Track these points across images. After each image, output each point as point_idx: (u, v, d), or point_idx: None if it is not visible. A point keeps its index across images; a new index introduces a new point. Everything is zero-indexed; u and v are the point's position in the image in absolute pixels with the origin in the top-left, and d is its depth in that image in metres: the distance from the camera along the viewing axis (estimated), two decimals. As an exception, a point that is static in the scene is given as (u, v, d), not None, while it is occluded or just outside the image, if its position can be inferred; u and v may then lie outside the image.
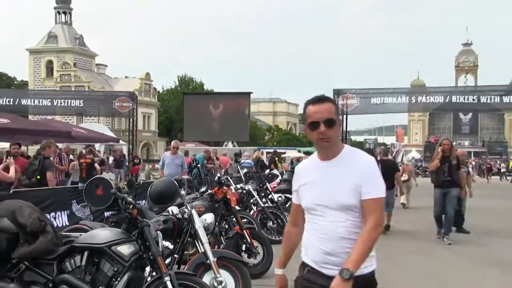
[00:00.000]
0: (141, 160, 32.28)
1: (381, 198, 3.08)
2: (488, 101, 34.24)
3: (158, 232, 5.09)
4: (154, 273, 4.93)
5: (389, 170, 14.20)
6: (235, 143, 42.51)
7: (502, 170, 56.89)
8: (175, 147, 15.00)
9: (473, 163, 50.47)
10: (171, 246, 5.50)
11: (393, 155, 25.53)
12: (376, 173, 3.14)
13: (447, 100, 35.59)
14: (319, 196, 3.13)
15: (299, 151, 51.36)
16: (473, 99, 35.16)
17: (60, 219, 10.30)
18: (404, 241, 12.17)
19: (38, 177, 11.80)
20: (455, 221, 12.15)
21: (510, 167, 57.47)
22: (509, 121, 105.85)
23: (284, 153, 46.72)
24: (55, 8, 76.83)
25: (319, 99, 3.20)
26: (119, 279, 4.74)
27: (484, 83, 60.25)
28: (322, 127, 3.08)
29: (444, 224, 11.50)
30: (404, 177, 19.66)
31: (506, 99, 34.09)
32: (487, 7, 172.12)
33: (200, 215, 5.99)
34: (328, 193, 3.09)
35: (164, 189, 6.05)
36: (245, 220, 8.72)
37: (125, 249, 4.83)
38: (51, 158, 14.79)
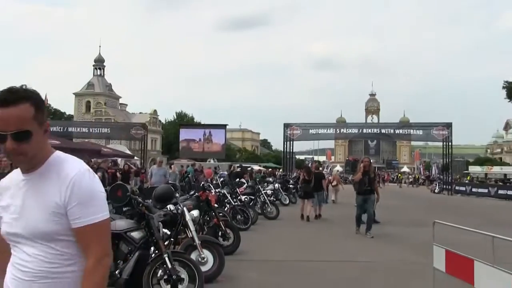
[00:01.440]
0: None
1: (102, 221, 1.65)
2: (387, 132, 35.08)
3: (160, 222, 5.09)
4: (156, 252, 4.89)
5: (319, 178, 15.01)
6: (215, 160, 42.34)
7: (393, 178, 62.00)
8: (161, 162, 14.97)
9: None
10: (168, 233, 5.43)
11: (325, 169, 26.17)
12: (92, 188, 1.64)
13: (360, 132, 36.42)
14: (14, 222, 1.63)
15: (259, 165, 51.27)
16: (377, 131, 36.04)
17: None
18: (330, 224, 12.36)
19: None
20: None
21: (399, 177, 61.08)
22: (399, 146, 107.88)
23: (249, 167, 46.49)
24: (93, 65, 76.73)
25: (3, 101, 1.52)
26: (132, 255, 4.75)
27: (384, 121, 61.36)
28: (10, 142, 1.54)
29: (366, 222, 10.60)
30: (334, 183, 21.61)
31: (397, 131, 35.00)
32: (386, 69, 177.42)
33: (189, 211, 5.93)
34: (25, 218, 1.61)
35: (164, 192, 6.00)
36: (221, 214, 8.66)
37: (136, 235, 4.86)
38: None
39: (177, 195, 7.08)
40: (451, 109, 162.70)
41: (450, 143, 32.43)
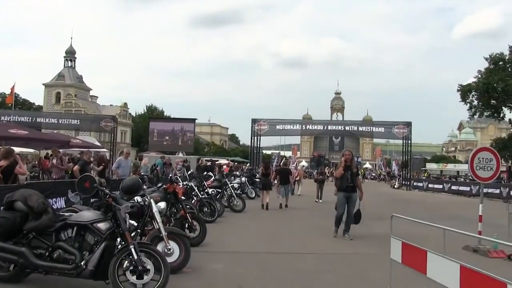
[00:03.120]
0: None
1: None
2: (351, 130, 35.61)
3: (126, 214, 5.04)
4: (123, 243, 4.83)
5: (286, 174, 16.34)
6: (184, 153, 41.99)
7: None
8: (128, 153, 14.71)
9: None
10: (135, 224, 5.39)
11: (292, 164, 26.66)
12: None
13: (325, 128, 36.81)
14: None
15: (227, 159, 51.26)
16: (341, 128, 36.53)
17: (59, 203, 9.89)
18: (295, 212, 12.57)
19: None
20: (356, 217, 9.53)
21: (362, 172, 59.41)
22: (362, 144, 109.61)
23: (217, 160, 46.33)
24: (64, 56, 74.70)
25: None
26: (98, 246, 4.73)
27: (348, 119, 62.28)
28: None
29: (345, 223, 9.32)
30: (298, 178, 22.68)
31: (360, 129, 35.59)
32: (352, 69, 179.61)
33: (156, 203, 5.88)
34: None
35: (131, 184, 5.92)
36: (188, 206, 8.62)
37: (103, 226, 4.82)
38: (54, 161, 14.28)
39: (144, 187, 7.00)
40: (411, 109, 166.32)
41: (409, 141, 33.30)
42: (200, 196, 10.94)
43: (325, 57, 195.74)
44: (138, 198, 5.74)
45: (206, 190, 11.86)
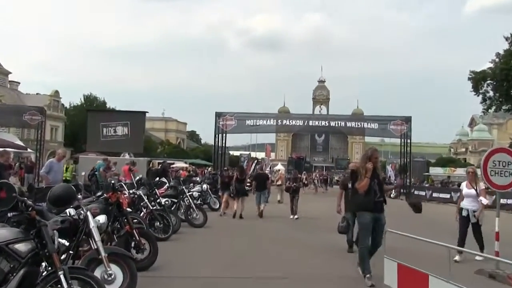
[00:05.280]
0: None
1: None
2: (337, 126, 35.94)
3: (55, 231, 4.89)
4: (49, 268, 4.70)
5: (263, 179, 17.96)
6: (132, 154, 41.45)
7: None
8: (63, 155, 14.03)
9: (317, 175, 50.92)
10: (67, 243, 5.28)
11: (265, 167, 27.34)
12: None
13: (306, 124, 37.05)
14: None
15: (185, 162, 51.06)
16: (325, 124, 36.82)
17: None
18: (270, 224, 12.64)
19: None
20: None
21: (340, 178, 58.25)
22: (351, 143, 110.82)
23: (173, 163, 46.16)
24: (-26, 29, 72.62)
25: None
26: (15, 273, 4.51)
27: (334, 113, 62.88)
28: None
29: (368, 259, 7.19)
30: (279, 182, 25.02)
31: (349, 124, 35.93)
32: (339, 52, 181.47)
33: (94, 216, 5.79)
34: None
35: (62, 193, 5.77)
36: (136, 220, 8.53)
37: (22, 247, 4.63)
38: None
39: (79, 196, 6.88)
40: (411, 102, 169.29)
41: (409, 141, 33.71)
42: (151, 208, 10.88)
43: (306, 37, 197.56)
44: (71, 211, 5.64)
45: (158, 200, 11.84)
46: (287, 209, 18.04)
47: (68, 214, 5.61)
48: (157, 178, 17.81)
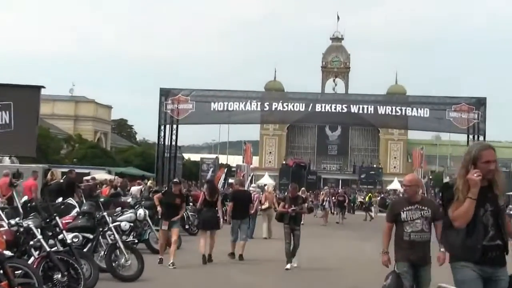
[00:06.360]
0: None
1: None
2: (361, 113, 35.85)
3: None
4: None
5: (245, 200, 17.95)
6: (17, 160, 41.05)
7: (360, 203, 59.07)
8: None
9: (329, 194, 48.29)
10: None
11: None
12: None
13: (310, 110, 36.80)
14: None
15: (109, 172, 50.48)
16: (342, 108, 36.63)
17: None
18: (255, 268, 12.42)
19: None
20: None
21: (366, 200, 56.69)
22: (385, 141, 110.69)
23: (88, 173, 45.76)
24: None
25: None
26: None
27: (357, 91, 62.79)
28: None
29: None
30: (266, 205, 24.56)
31: (381, 110, 35.65)
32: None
33: None
34: None
35: None
36: (20, 272, 8.35)
37: None
38: None
39: None
40: (484, 77, 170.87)
41: (482, 137, 33.44)
42: (48, 249, 10.73)
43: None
44: None
45: (60, 237, 11.67)
46: (280, 250, 17.79)
47: None
48: (60, 199, 17.69)
